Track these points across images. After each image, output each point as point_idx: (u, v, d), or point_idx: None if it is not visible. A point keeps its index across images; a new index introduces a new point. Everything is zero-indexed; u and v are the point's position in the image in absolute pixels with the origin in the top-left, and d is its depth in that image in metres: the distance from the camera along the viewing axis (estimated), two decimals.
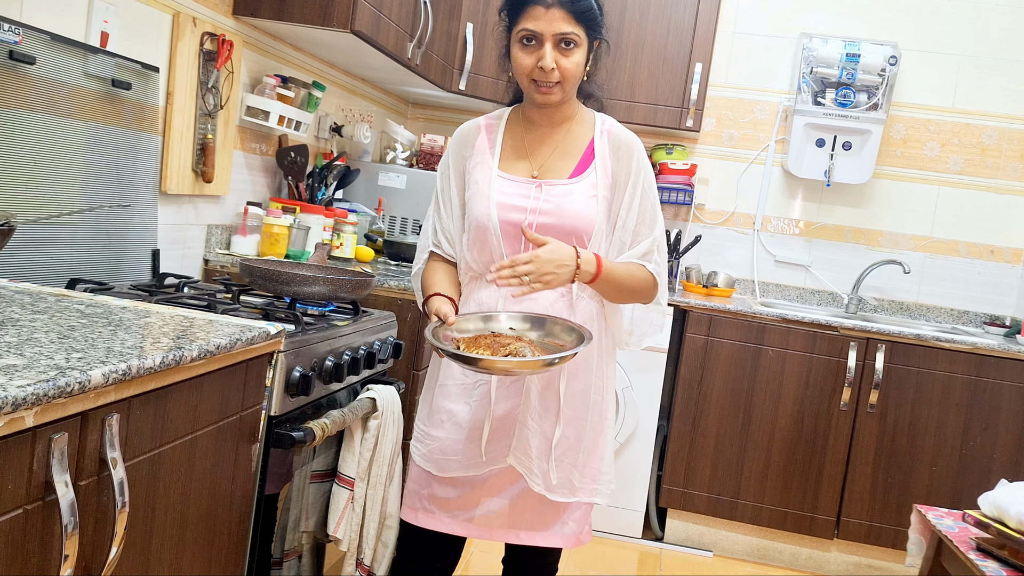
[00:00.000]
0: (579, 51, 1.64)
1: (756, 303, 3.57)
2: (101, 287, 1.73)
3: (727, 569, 3.25)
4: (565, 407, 1.69)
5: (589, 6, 1.64)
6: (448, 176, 1.77)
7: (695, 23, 3.50)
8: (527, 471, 1.69)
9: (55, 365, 0.98)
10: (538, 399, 1.68)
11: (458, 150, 1.77)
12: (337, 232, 2.80)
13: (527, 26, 1.61)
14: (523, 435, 1.68)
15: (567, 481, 1.71)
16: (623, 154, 1.71)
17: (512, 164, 1.72)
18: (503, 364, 1.47)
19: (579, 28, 1.63)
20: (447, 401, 1.73)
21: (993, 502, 2.06)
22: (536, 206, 1.66)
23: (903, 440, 3.19)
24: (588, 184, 1.68)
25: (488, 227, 1.67)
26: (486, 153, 1.73)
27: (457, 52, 3.29)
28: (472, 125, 1.77)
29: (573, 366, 1.68)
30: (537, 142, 1.73)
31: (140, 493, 1.17)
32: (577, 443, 1.71)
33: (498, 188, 1.68)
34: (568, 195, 1.67)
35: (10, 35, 1.61)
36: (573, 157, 1.71)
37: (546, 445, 1.68)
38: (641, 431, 3.31)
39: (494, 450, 1.69)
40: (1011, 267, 3.71)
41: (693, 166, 3.72)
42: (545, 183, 1.69)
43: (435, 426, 1.74)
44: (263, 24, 2.48)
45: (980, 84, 3.68)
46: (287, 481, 1.72)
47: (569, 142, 1.72)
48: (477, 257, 1.71)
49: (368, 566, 1.92)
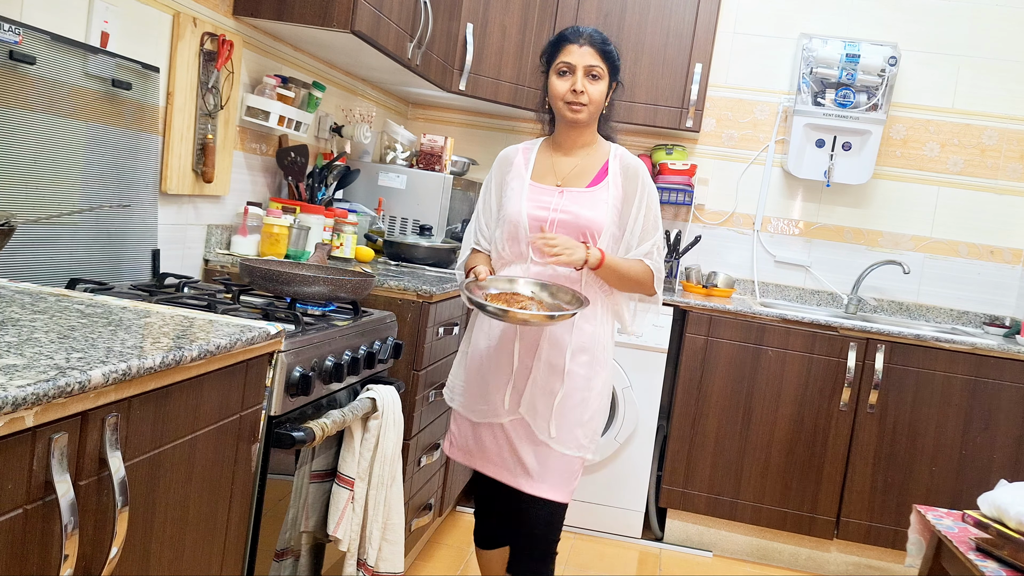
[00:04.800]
0: (602, 83, 2.08)
1: (756, 303, 3.57)
2: (101, 287, 1.74)
3: (727, 569, 3.25)
4: (568, 374, 2.06)
5: (610, 49, 2.09)
6: (490, 188, 2.21)
7: (695, 23, 3.50)
8: (534, 422, 2.07)
9: (55, 365, 0.98)
10: (546, 367, 2.06)
11: (500, 167, 2.21)
12: (337, 232, 2.80)
13: (564, 59, 2.06)
14: (533, 393, 2.07)
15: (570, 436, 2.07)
16: (631, 174, 2.11)
17: (541, 176, 2.14)
18: (516, 314, 1.89)
19: (603, 64, 2.07)
20: (477, 361, 2.14)
21: (993, 502, 2.07)
22: (558, 206, 2.08)
23: (903, 440, 3.19)
24: (601, 194, 2.09)
25: (519, 222, 2.08)
26: (522, 168, 2.16)
27: (457, 52, 3.29)
28: (513, 149, 2.22)
29: (579, 341, 2.06)
30: (562, 160, 2.15)
31: (140, 493, 1.17)
32: (577, 405, 2.08)
33: (528, 193, 2.10)
34: (583, 201, 2.08)
35: (10, 35, 1.61)
36: (591, 173, 2.12)
37: (546, 398, 2.07)
38: (641, 431, 3.31)
39: (511, 403, 2.09)
40: (1011, 267, 3.71)
41: (693, 166, 3.72)
42: (566, 190, 2.10)
43: (466, 381, 2.16)
44: (263, 24, 2.48)
45: (980, 84, 3.68)
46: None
47: (588, 162, 2.14)
48: (508, 247, 2.12)
49: (372, 566, 1.92)
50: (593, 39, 2.06)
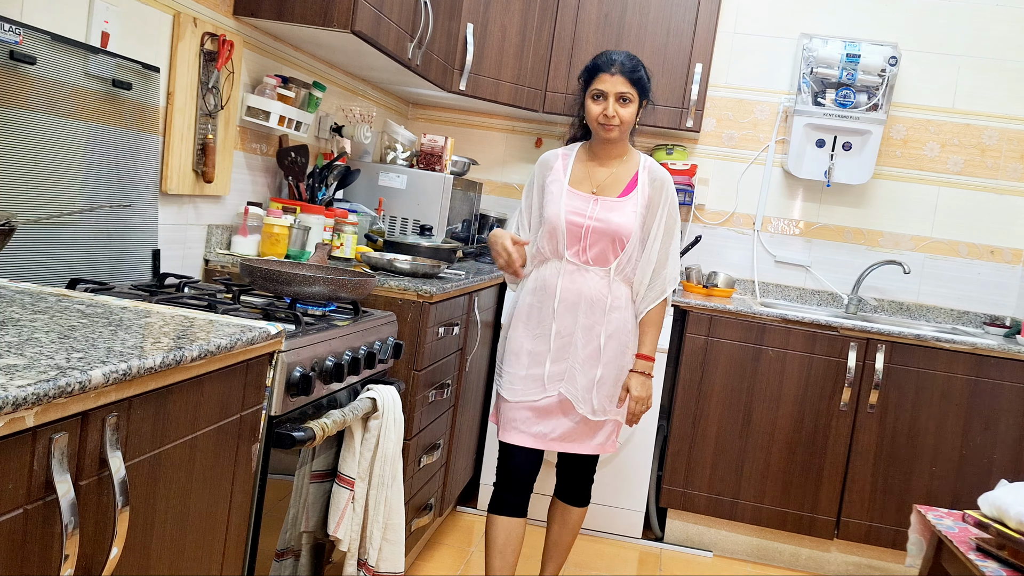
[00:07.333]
0: (633, 105, 2.32)
1: (756, 303, 3.57)
2: (101, 287, 1.74)
3: (727, 569, 3.25)
4: (603, 356, 2.35)
5: (640, 76, 2.32)
6: (532, 189, 2.46)
7: (695, 23, 3.50)
8: (575, 399, 2.35)
9: (55, 365, 0.98)
10: (582, 348, 2.35)
11: (541, 170, 2.45)
12: (337, 232, 2.80)
13: (598, 87, 2.31)
14: (572, 374, 2.35)
15: (603, 407, 2.38)
16: (658, 185, 2.38)
17: (578, 182, 2.38)
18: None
19: (633, 90, 2.30)
20: (515, 346, 2.40)
21: (993, 502, 2.06)
22: (593, 214, 2.33)
23: (903, 440, 3.19)
24: (632, 203, 2.35)
25: (558, 226, 2.34)
26: (560, 173, 2.40)
27: (457, 52, 3.29)
28: (552, 154, 2.45)
29: (612, 328, 2.35)
30: (598, 170, 2.40)
31: (140, 493, 1.17)
32: (612, 381, 2.38)
33: (567, 199, 2.35)
34: (616, 209, 2.34)
35: (11, 35, 1.61)
36: (623, 182, 2.38)
37: (588, 382, 2.35)
38: (641, 431, 3.31)
39: (552, 384, 2.36)
40: (1011, 267, 3.71)
41: (693, 166, 3.72)
42: (601, 199, 2.35)
43: (511, 365, 2.40)
44: (264, 24, 2.48)
45: (980, 84, 3.68)
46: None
47: (621, 172, 2.39)
48: (546, 245, 2.38)
49: (373, 566, 1.93)
50: (624, 67, 2.29)
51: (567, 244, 2.34)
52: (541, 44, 3.55)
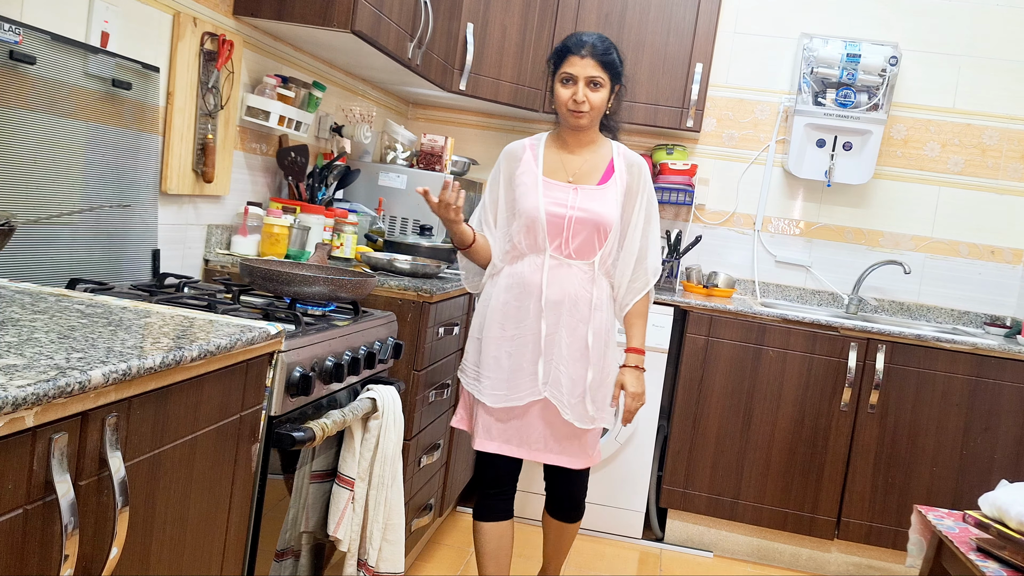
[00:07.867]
0: (603, 90, 2.19)
1: (756, 303, 3.57)
2: (101, 287, 1.73)
3: (727, 569, 3.25)
4: (592, 356, 2.24)
5: (612, 59, 2.19)
6: (498, 182, 2.32)
7: (695, 23, 3.50)
8: (560, 404, 2.22)
9: (55, 365, 0.98)
10: (567, 348, 2.22)
11: (508, 162, 2.31)
12: (337, 232, 2.80)
13: (566, 70, 2.18)
14: (557, 376, 2.22)
15: (587, 412, 2.25)
16: (635, 171, 2.29)
17: (552, 172, 2.26)
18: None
19: (604, 73, 2.17)
20: (492, 349, 2.25)
21: (993, 503, 2.06)
22: (575, 203, 2.22)
23: (903, 440, 3.19)
24: (612, 190, 2.25)
25: (538, 218, 2.21)
26: (531, 163, 2.27)
27: (457, 52, 3.29)
28: (518, 144, 2.32)
29: (596, 327, 2.24)
30: (570, 158, 2.28)
31: (140, 493, 1.17)
32: (598, 383, 2.26)
33: (544, 190, 2.22)
34: (598, 198, 2.23)
35: (10, 35, 1.61)
36: (599, 170, 2.27)
37: (574, 385, 2.23)
38: (641, 431, 3.30)
39: (532, 385, 2.23)
40: (1011, 267, 3.71)
41: (693, 166, 3.72)
42: (581, 188, 2.24)
43: (489, 369, 2.25)
44: (263, 24, 2.48)
45: (980, 84, 3.68)
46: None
47: (595, 159, 2.28)
48: (523, 240, 2.24)
49: (373, 566, 1.92)
50: (595, 49, 2.16)
51: (548, 237, 2.21)
52: (541, 44, 3.55)
